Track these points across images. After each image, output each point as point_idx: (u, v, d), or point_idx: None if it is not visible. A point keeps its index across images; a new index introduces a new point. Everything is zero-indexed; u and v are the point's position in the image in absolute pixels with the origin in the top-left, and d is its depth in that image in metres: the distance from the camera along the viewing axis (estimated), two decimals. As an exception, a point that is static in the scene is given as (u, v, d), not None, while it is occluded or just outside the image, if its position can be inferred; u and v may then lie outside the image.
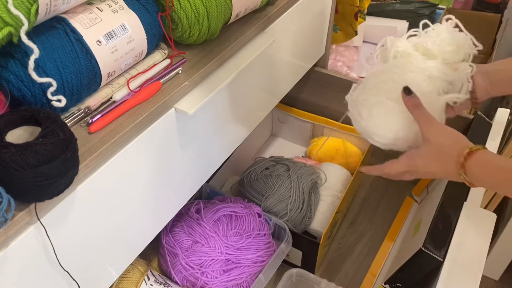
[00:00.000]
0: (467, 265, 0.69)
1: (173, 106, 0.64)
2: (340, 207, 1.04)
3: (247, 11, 0.77)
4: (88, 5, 0.57)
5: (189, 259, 0.89)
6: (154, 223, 0.71)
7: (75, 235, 0.56)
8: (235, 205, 0.98)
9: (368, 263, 1.07)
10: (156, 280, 0.85)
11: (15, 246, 0.48)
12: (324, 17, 1.07)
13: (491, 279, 1.36)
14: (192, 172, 0.75)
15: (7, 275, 0.48)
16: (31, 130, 0.48)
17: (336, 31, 1.33)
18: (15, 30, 0.47)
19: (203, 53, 0.71)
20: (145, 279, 0.83)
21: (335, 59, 1.42)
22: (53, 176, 0.45)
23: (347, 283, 1.04)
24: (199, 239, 0.91)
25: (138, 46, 0.62)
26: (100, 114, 0.58)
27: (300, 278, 0.96)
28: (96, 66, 0.56)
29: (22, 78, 0.51)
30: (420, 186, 1.19)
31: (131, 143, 0.59)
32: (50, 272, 0.54)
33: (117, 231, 0.63)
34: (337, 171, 1.14)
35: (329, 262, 1.08)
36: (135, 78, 0.64)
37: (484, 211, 0.77)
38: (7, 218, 0.44)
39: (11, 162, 0.43)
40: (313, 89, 1.21)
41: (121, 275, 0.80)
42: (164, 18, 0.66)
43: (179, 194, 0.75)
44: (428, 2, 1.58)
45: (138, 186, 0.64)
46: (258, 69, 0.83)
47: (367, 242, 1.12)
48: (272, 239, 0.96)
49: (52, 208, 0.51)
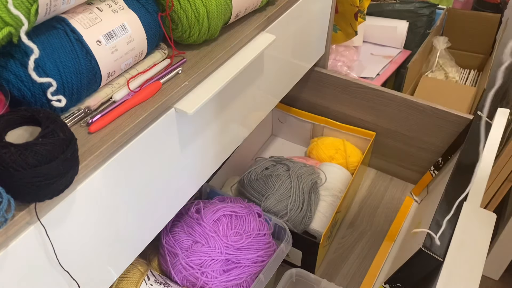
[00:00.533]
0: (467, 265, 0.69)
1: (173, 106, 0.64)
2: (340, 207, 1.04)
3: (247, 11, 0.77)
4: (88, 5, 0.57)
5: (189, 259, 0.89)
6: (154, 223, 0.71)
7: (75, 235, 0.56)
8: (235, 205, 0.98)
9: (368, 263, 1.07)
10: (156, 280, 0.85)
11: (15, 246, 0.48)
12: (324, 17, 1.07)
13: (491, 279, 1.36)
14: (192, 172, 0.75)
15: (7, 275, 0.48)
16: (31, 130, 0.48)
17: (336, 31, 1.33)
18: (15, 30, 0.47)
19: (203, 53, 0.71)
20: (145, 279, 0.83)
21: (335, 59, 1.42)
22: (53, 176, 0.45)
23: (347, 283, 1.04)
24: (199, 239, 0.91)
25: (138, 46, 0.62)
26: (100, 114, 0.58)
27: (300, 278, 0.96)
28: (96, 66, 0.56)
29: (22, 78, 0.51)
30: (420, 186, 1.20)
31: (131, 143, 0.59)
32: (50, 272, 0.54)
33: (117, 231, 0.63)
34: (337, 171, 1.15)
35: (329, 262, 1.08)
36: (135, 78, 0.64)
37: (484, 211, 0.77)
38: (7, 218, 0.44)
39: (11, 162, 0.43)
40: (313, 89, 1.21)
41: (121, 275, 0.80)
42: (164, 18, 0.66)
43: (179, 194, 0.75)
44: (428, 2, 1.58)
45: (138, 186, 0.64)
46: (258, 69, 0.83)
47: (367, 242, 1.12)
48: (272, 239, 0.96)
49: (52, 208, 0.51)
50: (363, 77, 1.44)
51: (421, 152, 1.16)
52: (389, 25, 1.55)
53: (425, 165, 1.17)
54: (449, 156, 1.09)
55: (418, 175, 1.19)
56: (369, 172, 1.29)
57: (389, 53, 1.56)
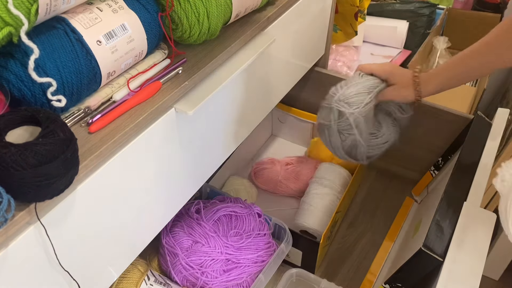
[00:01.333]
0: (467, 265, 0.69)
1: (173, 106, 0.64)
2: (340, 207, 1.04)
3: (247, 11, 0.77)
4: (88, 5, 0.57)
5: (189, 259, 0.89)
6: (153, 223, 0.71)
7: (75, 235, 0.56)
8: (235, 205, 0.98)
9: (368, 263, 1.07)
10: (156, 280, 0.85)
11: (15, 246, 0.48)
12: (324, 17, 1.07)
13: (491, 279, 1.36)
14: (192, 172, 0.75)
15: (7, 275, 0.48)
16: (31, 130, 0.48)
17: (336, 31, 1.33)
18: (15, 30, 0.47)
19: (203, 53, 0.71)
20: (145, 279, 0.83)
21: (335, 59, 1.42)
22: (53, 176, 0.45)
23: (347, 283, 1.04)
24: (199, 239, 0.91)
25: (138, 46, 0.62)
26: (100, 114, 0.58)
27: (300, 278, 0.96)
28: (96, 66, 0.56)
29: (22, 78, 0.51)
30: (420, 186, 1.20)
31: (131, 143, 0.59)
32: (50, 272, 0.54)
33: (117, 231, 0.63)
34: (337, 171, 1.15)
35: (329, 262, 1.08)
36: (135, 78, 0.64)
37: (484, 211, 0.77)
38: (7, 218, 0.44)
39: (11, 162, 0.43)
40: (313, 89, 1.21)
41: (121, 275, 0.80)
42: (164, 18, 0.66)
43: (178, 194, 0.75)
44: (428, 2, 1.58)
45: (137, 186, 0.64)
46: (258, 69, 0.83)
47: (367, 242, 1.12)
48: (272, 239, 0.97)
49: (52, 208, 0.51)
50: (363, 77, 1.44)
51: (421, 152, 1.16)
52: (389, 25, 1.55)
53: (424, 165, 1.17)
54: (449, 156, 1.09)
55: (418, 175, 1.19)
56: (369, 172, 1.29)
57: (389, 53, 1.56)
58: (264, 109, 0.95)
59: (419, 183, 1.19)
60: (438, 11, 1.61)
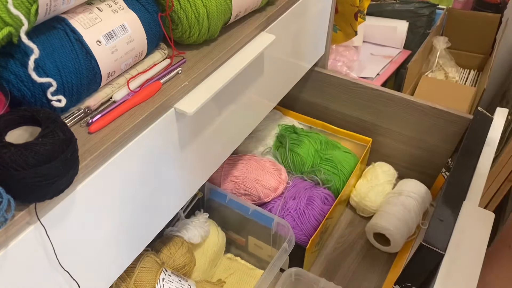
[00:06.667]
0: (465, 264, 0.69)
1: (173, 106, 0.64)
2: (331, 213, 1.03)
3: (247, 11, 0.77)
4: (88, 5, 0.57)
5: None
6: (153, 223, 0.71)
7: (75, 235, 0.56)
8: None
9: (368, 262, 1.07)
10: (173, 272, 0.85)
11: (15, 246, 0.48)
12: (324, 17, 1.07)
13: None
14: (192, 172, 0.75)
15: (7, 275, 0.48)
16: (31, 130, 0.48)
17: (336, 31, 1.33)
18: (15, 30, 0.47)
19: (203, 53, 0.71)
20: (164, 270, 0.83)
21: (335, 59, 1.42)
22: (53, 176, 0.45)
23: (346, 282, 1.04)
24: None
25: (138, 46, 0.62)
26: (100, 114, 0.58)
27: (299, 277, 0.96)
28: (96, 66, 0.56)
29: (22, 78, 0.51)
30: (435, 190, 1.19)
31: (131, 143, 0.59)
32: (50, 272, 0.54)
33: (117, 231, 0.63)
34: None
35: (328, 261, 1.08)
36: (135, 78, 0.64)
37: (482, 210, 0.77)
38: (7, 218, 0.45)
39: (11, 162, 0.43)
40: (313, 89, 1.21)
41: (141, 266, 0.80)
42: (164, 18, 0.66)
43: (179, 194, 0.75)
44: (428, 2, 1.59)
45: (138, 185, 0.64)
46: (258, 69, 0.84)
47: (366, 242, 1.12)
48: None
49: (52, 208, 0.51)
50: (363, 77, 1.44)
51: (420, 152, 1.16)
52: (389, 25, 1.55)
53: (424, 165, 1.17)
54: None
55: (418, 175, 1.19)
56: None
57: (389, 53, 1.56)
58: (264, 109, 0.95)
59: (434, 187, 1.18)
60: (438, 11, 1.61)
